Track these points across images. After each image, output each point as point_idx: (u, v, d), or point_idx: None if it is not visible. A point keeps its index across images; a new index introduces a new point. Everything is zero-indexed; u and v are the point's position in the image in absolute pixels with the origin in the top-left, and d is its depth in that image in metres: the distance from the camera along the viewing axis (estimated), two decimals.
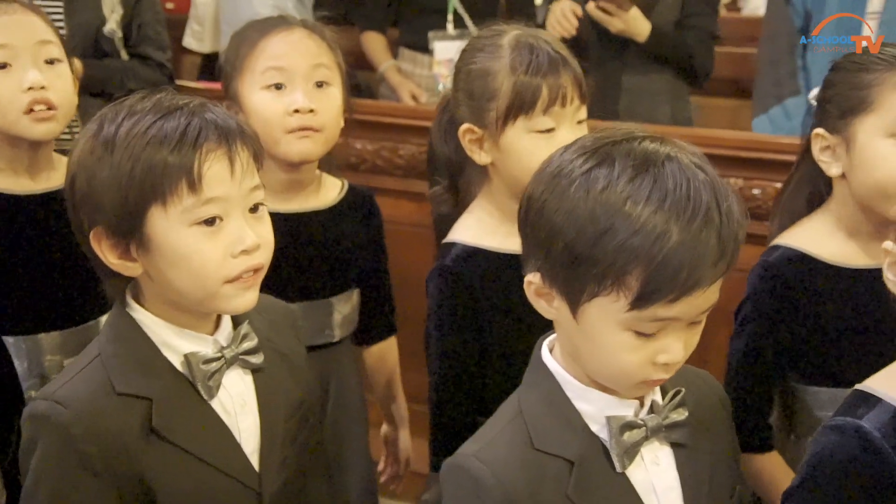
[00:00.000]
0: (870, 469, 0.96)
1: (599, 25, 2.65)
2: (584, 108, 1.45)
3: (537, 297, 1.06)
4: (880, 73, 1.38)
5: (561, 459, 1.03)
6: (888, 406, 0.99)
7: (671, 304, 0.95)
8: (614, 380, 1.03)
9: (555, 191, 1.00)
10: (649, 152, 0.98)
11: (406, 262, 2.01)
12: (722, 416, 1.15)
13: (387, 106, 2.87)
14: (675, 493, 1.07)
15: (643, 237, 0.94)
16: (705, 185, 0.96)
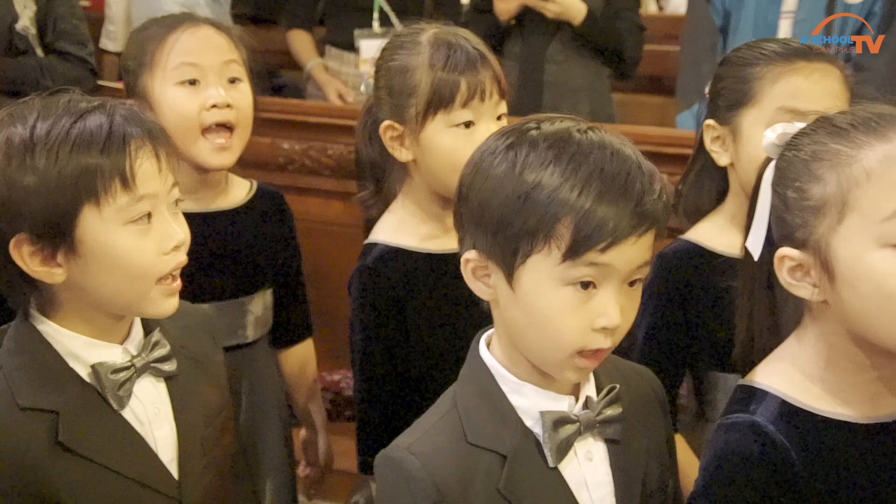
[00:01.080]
0: (770, 462, 0.98)
1: (531, 13, 2.67)
2: (504, 104, 1.48)
3: (474, 277, 1.06)
4: (761, 67, 1.44)
5: (494, 454, 1.04)
6: (775, 398, 1.01)
7: (603, 252, 0.97)
8: (553, 353, 1.02)
9: (481, 169, 1.04)
10: (570, 125, 1.03)
11: (336, 263, 2.00)
12: (657, 411, 1.17)
13: (314, 106, 2.85)
14: (607, 489, 1.08)
15: (569, 188, 0.97)
16: (625, 147, 1.01)
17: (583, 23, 2.68)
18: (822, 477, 1.00)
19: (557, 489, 1.05)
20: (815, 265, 0.99)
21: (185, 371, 1.21)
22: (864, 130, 0.98)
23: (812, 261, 0.99)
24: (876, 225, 0.94)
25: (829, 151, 0.99)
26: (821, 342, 1.03)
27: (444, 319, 1.45)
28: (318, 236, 2.30)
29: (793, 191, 1.00)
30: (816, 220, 0.98)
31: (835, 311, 1.00)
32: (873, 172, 0.95)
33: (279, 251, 1.73)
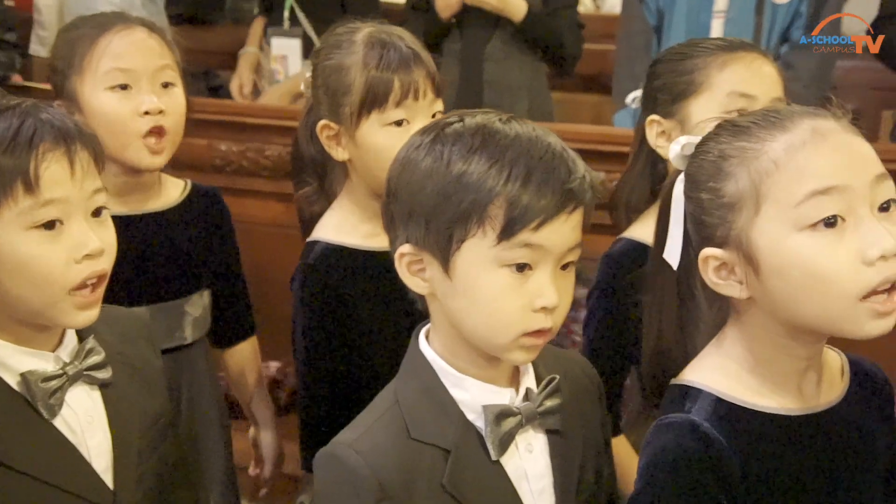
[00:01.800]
0: (707, 460, 1.00)
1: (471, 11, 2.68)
2: (440, 102, 1.49)
3: (409, 272, 1.07)
4: (704, 57, 1.48)
5: (437, 448, 1.04)
6: (709, 395, 1.03)
7: (537, 231, 0.99)
8: (498, 336, 1.03)
9: (408, 165, 1.05)
10: (491, 117, 1.05)
11: (276, 264, 1.98)
12: (596, 402, 1.18)
13: (251, 107, 2.82)
14: (547, 480, 1.09)
15: (497, 171, 0.99)
16: (547, 135, 1.04)
17: (524, 20, 2.70)
18: (758, 471, 1.01)
19: (499, 482, 1.06)
20: (739, 261, 1.01)
21: (122, 378, 1.19)
22: (764, 125, 1.01)
23: (735, 257, 1.01)
24: (791, 210, 0.96)
25: (735, 149, 1.01)
26: (749, 340, 1.04)
27: (386, 316, 1.45)
28: (256, 238, 2.27)
29: (707, 192, 1.02)
30: (734, 215, 1.00)
31: (762, 303, 1.01)
32: (780, 161, 0.98)
33: (216, 250, 1.71)
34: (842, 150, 0.98)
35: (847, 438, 1.06)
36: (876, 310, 0.95)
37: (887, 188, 0.98)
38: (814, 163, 0.97)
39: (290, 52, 2.96)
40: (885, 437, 1.10)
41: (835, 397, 1.06)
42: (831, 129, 0.99)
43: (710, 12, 2.41)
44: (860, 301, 0.95)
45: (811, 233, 0.96)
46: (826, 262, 0.95)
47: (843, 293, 0.95)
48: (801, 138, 0.98)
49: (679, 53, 1.53)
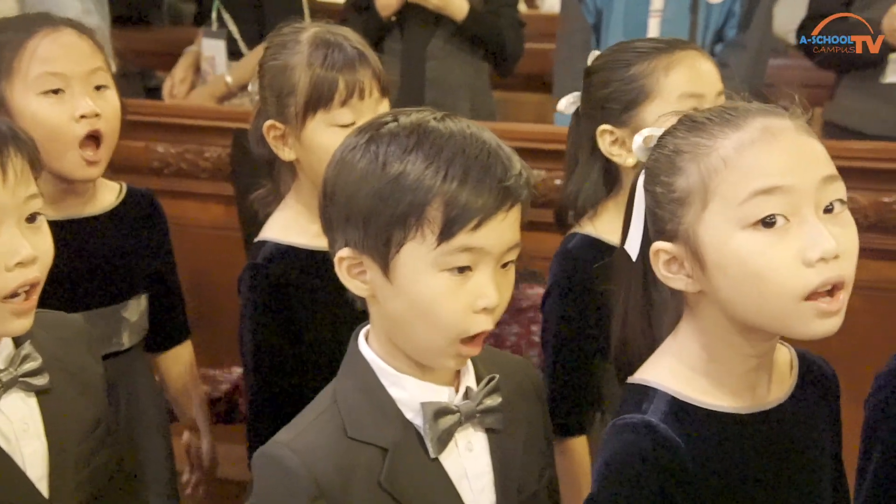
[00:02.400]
0: (664, 461, 1.00)
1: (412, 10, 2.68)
2: (386, 102, 1.49)
3: (349, 276, 1.06)
4: (647, 63, 1.49)
5: (375, 447, 1.04)
6: (664, 395, 1.03)
7: (475, 232, 0.99)
8: (436, 340, 1.03)
9: (344, 166, 1.05)
10: (426, 115, 1.05)
11: (217, 267, 1.96)
12: (536, 401, 1.18)
13: (189, 108, 2.78)
14: (487, 479, 1.09)
15: (434, 172, 0.99)
16: (482, 131, 1.04)
17: (465, 18, 2.70)
18: (712, 471, 1.02)
19: (438, 481, 1.06)
20: (687, 255, 1.02)
21: (59, 384, 1.16)
22: (719, 122, 1.02)
23: (684, 251, 1.02)
24: (736, 208, 0.97)
25: (689, 144, 1.02)
26: (702, 335, 1.05)
27: (334, 316, 1.44)
28: (196, 240, 2.24)
29: (660, 186, 1.03)
30: (683, 210, 1.01)
31: (710, 299, 1.02)
32: (729, 159, 0.98)
33: (152, 254, 1.69)
34: (791, 150, 0.98)
35: (796, 434, 1.07)
36: (821, 309, 0.96)
37: (835, 189, 0.98)
38: (761, 162, 0.97)
39: (217, 52, 2.93)
40: (830, 431, 1.12)
41: (784, 393, 1.08)
42: (783, 128, 0.99)
43: (647, 11, 2.44)
44: (803, 301, 0.96)
45: (753, 231, 0.97)
46: (765, 261, 0.96)
47: (782, 293, 0.96)
48: (752, 137, 0.98)
49: (620, 61, 1.53)
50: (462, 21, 2.70)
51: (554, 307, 1.57)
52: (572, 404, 1.57)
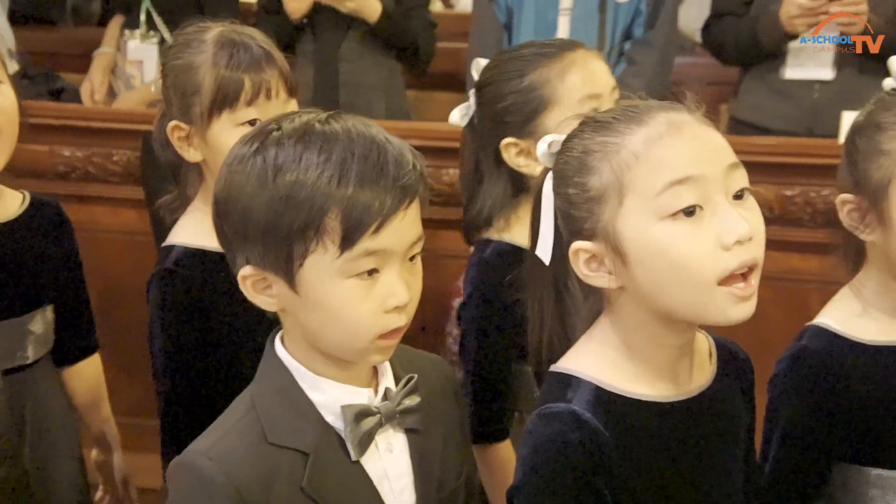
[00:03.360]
0: (589, 449, 1.02)
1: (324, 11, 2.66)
2: (294, 102, 1.48)
3: (255, 292, 1.05)
4: (539, 71, 1.51)
5: (295, 452, 1.03)
6: (588, 384, 1.05)
7: (377, 235, 0.99)
8: (354, 343, 1.03)
9: (234, 181, 1.03)
10: (310, 118, 1.03)
11: (130, 273, 1.92)
12: (452, 400, 1.19)
13: (95, 110, 2.71)
14: (407, 479, 1.09)
15: (327, 179, 0.98)
16: (370, 128, 1.03)
17: (378, 20, 2.70)
18: (636, 459, 1.04)
19: (360, 483, 1.05)
20: (607, 252, 1.03)
21: None
22: (624, 120, 1.04)
23: (603, 248, 1.04)
24: (651, 200, 1.00)
25: (598, 144, 1.04)
26: (623, 328, 1.07)
27: (248, 319, 1.41)
28: (108, 246, 2.19)
29: (573, 187, 1.05)
30: (600, 208, 1.03)
31: (632, 293, 1.04)
32: (640, 154, 1.01)
33: (59, 265, 1.63)
34: (696, 141, 1.01)
35: (716, 420, 1.10)
36: (735, 294, 0.99)
37: (740, 177, 1.01)
38: (671, 154, 1.00)
39: (147, 57, 2.87)
40: (746, 416, 1.16)
41: (705, 381, 1.10)
42: (686, 121, 1.02)
43: (557, 10, 2.48)
44: (718, 286, 0.99)
45: (671, 222, 0.99)
46: (685, 249, 0.99)
47: (702, 279, 0.99)
48: (658, 131, 1.01)
49: (512, 72, 1.53)
50: (375, 23, 2.70)
51: (473, 315, 1.57)
52: (494, 411, 1.57)
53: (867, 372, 1.26)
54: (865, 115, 1.28)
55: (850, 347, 1.26)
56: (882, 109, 1.26)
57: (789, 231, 2.24)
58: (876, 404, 1.26)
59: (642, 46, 2.52)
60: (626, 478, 1.03)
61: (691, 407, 1.08)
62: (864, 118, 1.28)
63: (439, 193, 2.41)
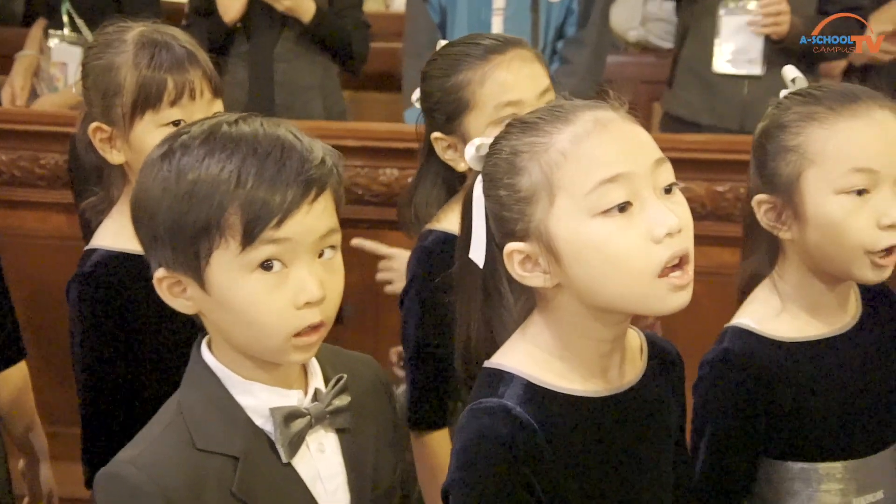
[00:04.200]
0: (520, 444, 1.02)
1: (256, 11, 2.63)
2: (219, 102, 1.47)
3: (171, 296, 1.04)
4: (464, 73, 1.52)
5: (225, 457, 1.02)
6: (520, 380, 1.06)
7: (279, 229, 0.98)
8: (268, 341, 1.02)
9: (143, 185, 1.03)
10: (220, 120, 1.03)
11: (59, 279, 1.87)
12: (383, 397, 1.19)
13: (21, 112, 2.64)
14: (340, 479, 1.09)
15: (227, 176, 0.98)
16: (278, 128, 1.02)
17: (312, 20, 2.68)
18: (567, 453, 1.05)
19: (292, 485, 1.05)
20: (542, 251, 1.04)
21: None
22: (550, 120, 1.05)
23: (537, 248, 1.04)
24: (582, 199, 1.01)
25: (525, 144, 1.04)
26: (556, 325, 1.08)
27: (172, 324, 1.39)
28: (36, 252, 2.14)
29: (504, 189, 1.05)
30: (531, 208, 1.03)
31: (568, 290, 1.05)
32: (568, 152, 1.02)
33: None
34: (623, 138, 1.03)
35: (647, 415, 1.12)
36: (674, 283, 1.01)
37: (667, 171, 1.03)
38: (599, 152, 1.01)
39: (70, 59, 2.80)
40: (676, 410, 1.18)
41: (636, 376, 1.12)
42: (611, 118, 1.03)
43: (491, 9, 2.49)
44: (658, 278, 1.00)
45: (603, 219, 1.00)
46: (619, 244, 1.00)
47: (639, 272, 1.00)
48: (585, 129, 1.02)
49: (442, 69, 1.55)
50: (308, 22, 2.68)
51: (413, 303, 1.58)
52: (433, 399, 1.58)
53: (788, 370, 1.29)
54: (768, 119, 1.32)
55: (771, 347, 1.29)
56: (783, 110, 1.30)
57: (721, 226, 2.28)
58: (798, 401, 1.29)
59: (575, 45, 2.54)
60: (556, 472, 1.04)
61: (621, 402, 1.09)
62: (767, 122, 1.32)
63: (377, 193, 2.41)
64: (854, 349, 1.32)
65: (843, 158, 1.23)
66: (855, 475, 1.31)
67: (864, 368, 1.32)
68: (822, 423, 1.30)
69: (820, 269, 1.30)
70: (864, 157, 1.23)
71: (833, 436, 1.30)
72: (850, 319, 1.34)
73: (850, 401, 1.31)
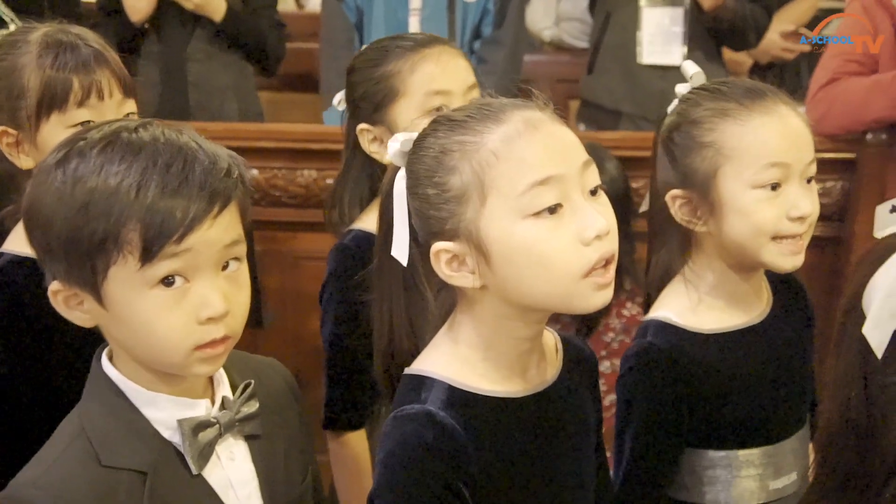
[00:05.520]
0: (446, 450, 1.02)
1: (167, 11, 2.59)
2: (132, 102, 1.44)
3: (68, 308, 1.01)
4: (394, 62, 1.53)
5: (133, 472, 0.99)
6: (442, 384, 1.06)
7: (180, 244, 0.95)
8: (169, 356, 0.99)
9: (37, 193, 0.99)
10: (119, 126, 1.00)
11: None
12: (291, 401, 1.17)
13: None
14: (252, 486, 1.07)
15: (127, 189, 0.95)
16: (181, 136, 0.99)
17: (224, 19, 2.64)
18: (491, 455, 1.05)
19: (203, 496, 1.03)
20: (470, 251, 1.03)
21: None
22: (480, 118, 1.04)
23: (466, 248, 1.03)
24: (514, 200, 1.00)
25: (455, 143, 1.03)
26: (479, 324, 1.07)
27: (78, 334, 1.36)
28: None
29: (432, 187, 1.04)
30: (462, 208, 1.02)
31: (493, 291, 1.05)
32: (499, 152, 1.01)
33: None
34: (553, 140, 1.02)
35: (566, 412, 1.13)
36: (597, 283, 1.02)
37: (593, 174, 1.04)
38: (530, 153, 1.01)
39: None
40: (593, 407, 1.19)
41: (552, 375, 1.13)
42: (541, 119, 1.03)
43: (408, 9, 2.49)
44: (583, 278, 1.01)
45: (534, 220, 1.00)
46: (549, 246, 1.00)
47: (567, 273, 1.01)
48: (516, 129, 1.01)
49: (370, 60, 1.56)
50: (220, 21, 2.64)
51: (330, 302, 1.57)
52: (349, 398, 1.58)
53: (710, 361, 1.31)
54: (676, 113, 1.34)
55: (692, 339, 1.32)
56: (692, 106, 1.32)
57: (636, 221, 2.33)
58: (720, 390, 1.32)
59: (492, 45, 2.56)
60: (482, 474, 1.04)
61: (542, 400, 1.10)
62: (676, 116, 1.34)
63: (294, 195, 2.39)
64: (769, 337, 1.36)
65: (759, 154, 1.26)
66: (772, 460, 1.35)
67: (779, 355, 1.36)
68: (742, 410, 1.33)
69: (735, 261, 1.33)
70: (778, 152, 1.26)
71: (753, 423, 1.33)
72: (763, 309, 1.37)
73: (768, 387, 1.34)
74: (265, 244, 2.34)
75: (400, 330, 1.12)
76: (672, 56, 2.67)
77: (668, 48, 2.69)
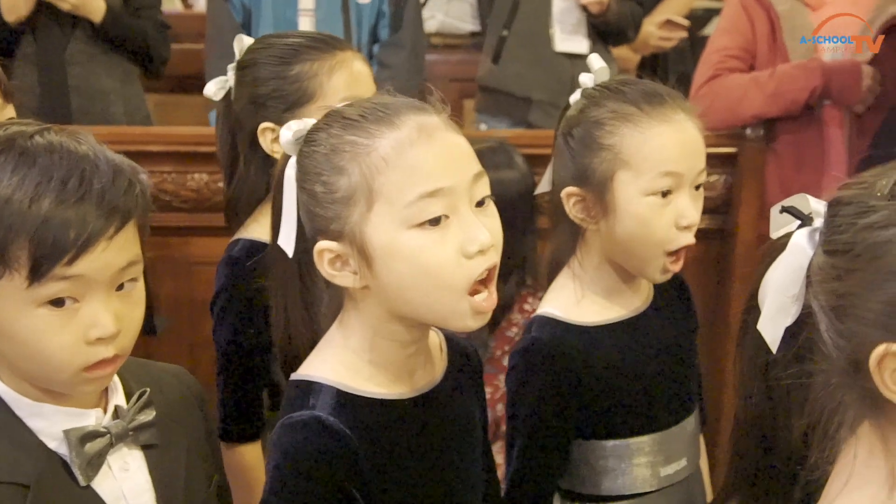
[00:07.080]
0: (336, 455, 1.02)
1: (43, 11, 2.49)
2: (11, 108, 1.40)
3: None
4: (310, 63, 1.50)
5: (14, 486, 0.94)
6: (330, 388, 1.05)
7: (72, 265, 0.91)
8: (53, 376, 0.95)
9: None
10: (14, 132, 0.95)
11: None
12: (195, 408, 1.14)
13: None
14: (148, 496, 1.04)
15: (17, 203, 0.90)
16: (80, 146, 0.95)
17: (103, 20, 2.55)
18: (381, 457, 1.05)
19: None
20: (353, 253, 1.02)
21: None
22: (373, 120, 1.03)
23: (350, 250, 1.02)
24: (401, 209, 0.99)
25: (346, 143, 1.01)
26: (364, 326, 1.07)
27: None
28: None
29: (320, 185, 1.02)
30: (347, 210, 1.01)
31: (375, 294, 1.04)
32: (390, 159, 0.99)
33: None
34: (446, 150, 1.02)
35: (453, 411, 1.13)
36: (478, 308, 1.02)
37: (483, 185, 1.03)
38: (421, 163, 1.00)
39: None
40: (479, 406, 1.20)
41: (438, 375, 1.13)
42: (436, 126, 1.02)
43: (296, 9, 2.46)
44: (466, 296, 1.01)
45: (420, 231, 1.00)
46: (432, 257, 1.00)
47: (449, 286, 1.01)
48: (409, 137, 1.00)
49: (278, 57, 1.51)
50: (100, 22, 2.55)
51: (223, 314, 1.54)
52: (241, 410, 1.55)
53: (594, 353, 1.34)
54: (577, 110, 1.35)
55: (576, 332, 1.34)
56: (594, 105, 1.33)
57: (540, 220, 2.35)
58: (605, 382, 1.34)
59: (392, 48, 2.54)
60: (373, 477, 1.04)
61: (429, 401, 1.10)
62: (577, 113, 1.34)
63: (185, 199, 2.33)
64: (651, 328, 1.39)
65: (655, 162, 1.28)
66: (662, 447, 1.38)
67: (661, 345, 1.40)
68: (628, 400, 1.36)
69: (618, 262, 1.36)
70: (672, 161, 1.28)
71: (639, 411, 1.37)
72: (644, 301, 1.41)
73: (652, 377, 1.38)
74: (157, 250, 2.27)
75: (296, 317, 1.10)
76: (580, 45, 2.72)
77: (577, 37, 2.74)
